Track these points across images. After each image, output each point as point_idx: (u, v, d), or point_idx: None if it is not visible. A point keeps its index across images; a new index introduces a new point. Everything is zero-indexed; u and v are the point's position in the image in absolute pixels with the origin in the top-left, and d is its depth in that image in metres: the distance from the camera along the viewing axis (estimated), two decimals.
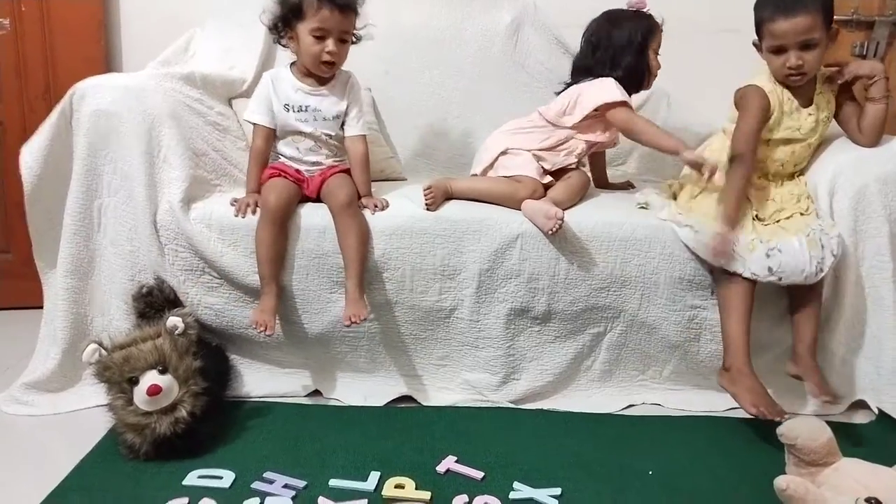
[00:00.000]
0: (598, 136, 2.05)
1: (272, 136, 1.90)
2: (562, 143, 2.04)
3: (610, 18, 2.06)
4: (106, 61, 2.45)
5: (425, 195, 1.85)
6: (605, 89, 1.99)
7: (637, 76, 2.04)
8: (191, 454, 1.55)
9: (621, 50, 2.01)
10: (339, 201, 1.79)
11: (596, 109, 1.99)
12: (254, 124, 1.89)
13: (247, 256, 1.80)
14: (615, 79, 2.00)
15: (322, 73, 1.85)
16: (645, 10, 2.05)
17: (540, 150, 2.01)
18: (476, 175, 2.06)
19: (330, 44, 1.80)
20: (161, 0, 2.50)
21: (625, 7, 2.06)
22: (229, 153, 2.02)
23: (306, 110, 1.86)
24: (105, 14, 2.45)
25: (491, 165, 2.02)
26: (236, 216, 1.81)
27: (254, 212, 1.81)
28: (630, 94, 2.04)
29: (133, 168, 1.80)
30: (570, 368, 1.92)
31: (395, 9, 2.47)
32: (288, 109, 1.86)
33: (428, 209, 1.85)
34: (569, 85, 2.11)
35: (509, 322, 1.87)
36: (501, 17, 2.49)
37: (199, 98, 2.05)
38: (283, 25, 1.84)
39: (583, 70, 2.08)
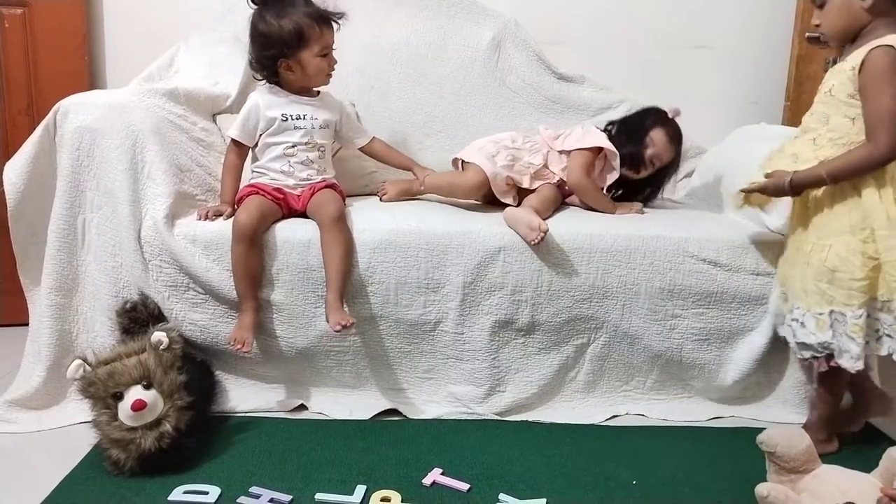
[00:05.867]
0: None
1: (246, 153, 1.96)
2: (543, 167, 2.11)
3: (650, 115, 2.14)
4: (89, 76, 2.45)
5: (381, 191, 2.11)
6: (587, 137, 2.11)
7: (629, 158, 2.11)
8: (176, 469, 1.54)
9: (631, 131, 2.12)
10: (329, 215, 1.82)
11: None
12: (233, 140, 1.93)
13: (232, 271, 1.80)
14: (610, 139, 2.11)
15: (325, 84, 1.98)
16: (674, 115, 2.11)
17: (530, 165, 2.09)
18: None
19: (332, 56, 1.94)
20: (145, 15, 2.51)
21: (668, 112, 2.12)
22: (213, 168, 2.03)
23: (304, 118, 1.92)
24: (88, 29, 2.45)
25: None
26: (198, 220, 1.85)
27: (212, 217, 1.86)
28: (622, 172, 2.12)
29: (117, 184, 1.80)
30: (555, 380, 1.93)
31: (378, 24, 2.49)
32: (286, 119, 1.91)
33: (381, 198, 2.10)
34: None
35: (494, 334, 1.89)
36: (483, 34, 2.52)
37: (183, 114, 2.05)
38: (283, 59, 1.88)
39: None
